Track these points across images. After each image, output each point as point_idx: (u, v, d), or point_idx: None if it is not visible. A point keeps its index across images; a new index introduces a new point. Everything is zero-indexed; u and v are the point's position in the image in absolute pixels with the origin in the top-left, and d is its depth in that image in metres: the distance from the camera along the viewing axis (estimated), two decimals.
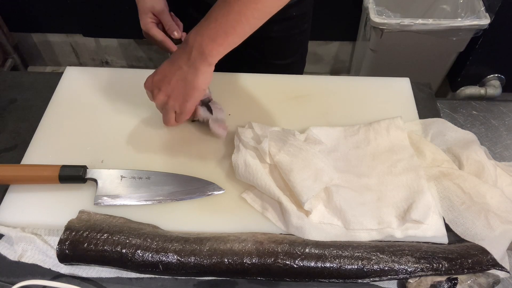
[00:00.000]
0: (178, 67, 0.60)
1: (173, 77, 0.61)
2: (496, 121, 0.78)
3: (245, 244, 0.56)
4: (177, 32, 0.76)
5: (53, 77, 0.79)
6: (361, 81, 0.81)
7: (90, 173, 0.62)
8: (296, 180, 0.59)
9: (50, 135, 0.70)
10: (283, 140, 0.64)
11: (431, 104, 0.78)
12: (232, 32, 0.57)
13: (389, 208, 0.61)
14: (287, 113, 0.74)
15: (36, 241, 0.59)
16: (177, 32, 0.76)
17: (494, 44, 1.60)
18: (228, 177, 0.65)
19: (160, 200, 0.61)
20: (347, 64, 2.05)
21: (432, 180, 0.64)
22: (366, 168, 0.66)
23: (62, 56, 2.08)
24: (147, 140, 0.70)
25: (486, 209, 0.60)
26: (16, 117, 0.75)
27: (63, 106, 0.74)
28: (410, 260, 0.55)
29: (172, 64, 0.61)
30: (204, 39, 0.58)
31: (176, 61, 0.61)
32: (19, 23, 1.92)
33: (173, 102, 0.63)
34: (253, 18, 0.58)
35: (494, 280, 0.56)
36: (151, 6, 0.75)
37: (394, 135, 0.68)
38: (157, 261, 0.54)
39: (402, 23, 1.48)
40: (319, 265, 0.54)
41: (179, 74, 0.61)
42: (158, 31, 0.75)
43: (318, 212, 0.60)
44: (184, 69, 0.60)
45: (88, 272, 0.57)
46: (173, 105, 0.63)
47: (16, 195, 0.62)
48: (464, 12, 1.54)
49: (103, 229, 0.56)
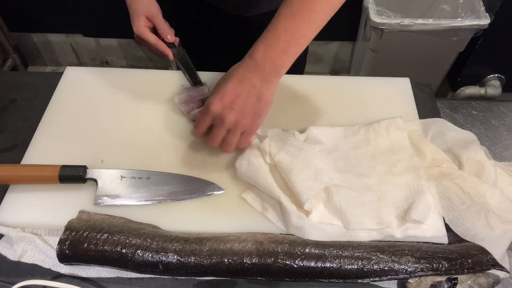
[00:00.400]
0: (251, 85, 0.58)
1: (246, 95, 0.58)
2: (496, 121, 0.78)
3: (245, 244, 0.56)
4: (170, 36, 0.76)
5: (53, 77, 0.79)
6: (361, 81, 0.81)
7: (90, 173, 0.62)
8: (296, 180, 0.59)
9: (50, 135, 0.70)
10: (283, 140, 0.64)
11: (431, 104, 0.78)
12: (304, 40, 0.58)
13: (389, 208, 0.61)
14: (287, 113, 0.74)
15: (36, 241, 0.59)
16: (171, 36, 0.76)
17: (494, 44, 1.60)
18: (228, 177, 0.65)
19: (160, 200, 0.61)
20: (347, 64, 2.05)
21: (432, 180, 0.64)
22: (366, 168, 0.66)
23: (62, 56, 2.08)
24: (147, 140, 0.70)
25: (486, 209, 0.60)
26: (16, 117, 0.75)
27: (63, 106, 0.74)
28: (410, 260, 0.55)
29: (241, 83, 0.58)
30: (276, 54, 0.57)
31: (246, 79, 0.58)
32: (19, 23, 1.92)
33: (244, 120, 0.59)
34: (322, 20, 0.58)
35: (494, 280, 0.56)
36: (145, 10, 0.75)
37: (394, 135, 0.68)
38: (157, 261, 0.54)
39: (402, 23, 1.48)
40: (319, 265, 0.54)
41: (252, 92, 0.58)
42: (152, 35, 0.75)
43: (318, 212, 0.60)
44: (257, 86, 0.58)
45: (88, 272, 0.57)
46: (244, 123, 0.59)
47: (16, 195, 0.62)
48: (464, 12, 1.54)
49: (103, 229, 0.56)
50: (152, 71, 0.80)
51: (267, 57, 0.57)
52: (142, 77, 0.79)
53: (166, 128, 0.71)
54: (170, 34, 0.76)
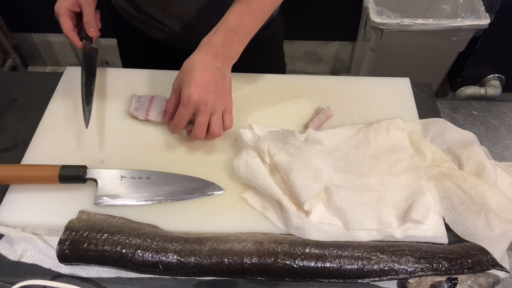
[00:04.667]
0: (216, 68, 0.63)
1: (215, 78, 0.63)
2: (496, 121, 0.78)
3: (245, 244, 0.56)
4: (94, 30, 0.73)
5: (53, 77, 0.79)
6: (361, 81, 0.81)
7: (90, 173, 0.62)
8: (296, 180, 0.59)
9: (50, 135, 0.70)
10: (283, 140, 0.64)
11: (431, 104, 0.78)
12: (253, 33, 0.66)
13: (389, 208, 0.61)
14: (287, 113, 0.74)
15: (36, 241, 0.59)
16: (94, 31, 0.74)
17: (494, 44, 1.60)
18: (228, 177, 0.65)
19: (160, 200, 0.61)
20: (347, 64, 2.05)
21: (432, 180, 0.64)
22: (366, 168, 0.66)
23: (62, 56, 2.08)
24: (147, 140, 0.70)
25: (486, 209, 0.59)
26: (16, 117, 0.75)
27: (63, 106, 0.74)
28: (410, 260, 0.55)
29: (207, 69, 0.62)
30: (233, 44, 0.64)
31: (210, 64, 0.62)
32: (19, 23, 1.92)
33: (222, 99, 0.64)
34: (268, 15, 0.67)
35: (494, 280, 0.56)
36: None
37: (394, 135, 0.68)
38: (157, 261, 0.54)
39: (402, 23, 1.48)
40: (319, 265, 0.54)
41: (218, 74, 0.63)
42: (68, 22, 0.72)
43: (318, 212, 0.60)
44: (220, 68, 0.63)
45: (88, 272, 0.57)
46: (223, 102, 0.64)
47: (16, 195, 0.62)
48: (464, 12, 1.54)
49: (103, 229, 0.56)
50: (152, 71, 0.80)
51: (225, 46, 0.63)
52: (142, 77, 0.79)
53: (165, 128, 0.71)
54: (93, 28, 0.73)
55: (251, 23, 0.65)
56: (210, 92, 0.62)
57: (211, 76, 0.62)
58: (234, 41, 0.64)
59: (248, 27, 0.65)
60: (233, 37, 0.64)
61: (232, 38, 0.63)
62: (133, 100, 0.72)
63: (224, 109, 0.64)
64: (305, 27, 1.82)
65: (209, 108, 0.62)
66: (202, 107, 0.62)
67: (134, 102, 0.72)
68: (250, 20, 0.65)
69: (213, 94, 0.62)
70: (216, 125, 0.64)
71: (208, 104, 0.62)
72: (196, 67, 0.62)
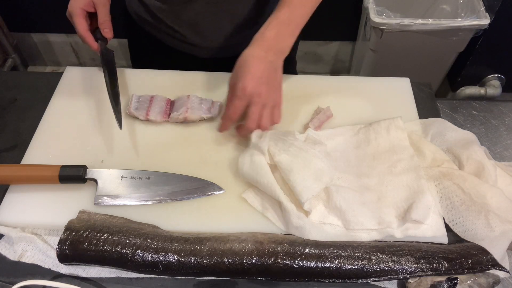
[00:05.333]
0: (269, 62, 0.63)
1: (269, 71, 0.63)
2: (496, 121, 0.78)
3: (245, 244, 0.56)
4: (109, 31, 0.73)
5: (53, 77, 0.79)
6: (361, 81, 0.81)
7: (90, 173, 0.62)
8: (296, 180, 0.59)
9: (50, 135, 0.70)
10: (283, 140, 0.64)
11: (431, 104, 0.78)
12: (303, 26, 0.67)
13: (389, 208, 0.61)
14: (287, 113, 0.74)
15: (36, 241, 0.59)
16: (109, 32, 0.73)
17: (494, 44, 1.60)
18: (228, 177, 0.65)
19: (160, 200, 0.61)
20: (347, 64, 2.05)
21: (432, 180, 0.64)
22: (366, 168, 0.66)
23: (62, 56, 2.08)
24: (147, 140, 0.70)
25: (486, 209, 0.59)
26: (16, 117, 0.75)
27: (63, 106, 0.74)
28: (410, 260, 0.55)
29: (261, 61, 0.63)
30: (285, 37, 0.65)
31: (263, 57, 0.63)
32: (19, 23, 1.92)
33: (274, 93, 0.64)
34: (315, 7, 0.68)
35: (494, 280, 0.56)
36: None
37: (394, 135, 0.68)
38: (157, 261, 0.54)
39: (402, 23, 1.48)
40: (319, 265, 0.54)
41: (271, 67, 0.64)
42: (83, 22, 0.71)
43: (318, 212, 0.60)
44: (273, 62, 0.64)
45: (88, 272, 0.57)
46: (274, 96, 0.65)
47: (16, 195, 0.62)
48: (464, 12, 1.54)
49: (103, 229, 0.56)
50: (151, 71, 0.80)
51: (278, 40, 0.64)
52: (142, 77, 0.79)
53: (166, 128, 0.71)
54: (108, 28, 0.73)
55: (301, 16, 0.66)
56: (264, 84, 0.62)
57: (264, 69, 0.62)
58: (285, 34, 0.65)
59: (298, 20, 0.66)
60: (284, 30, 0.65)
61: (283, 32, 0.65)
62: (133, 100, 0.72)
63: (274, 104, 0.65)
64: (305, 27, 1.82)
65: (262, 100, 0.63)
66: (256, 98, 0.62)
67: (134, 102, 0.72)
68: (301, 13, 0.66)
69: (266, 86, 0.62)
70: (267, 118, 0.64)
71: (261, 95, 0.62)
72: (250, 61, 0.62)
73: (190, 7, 0.78)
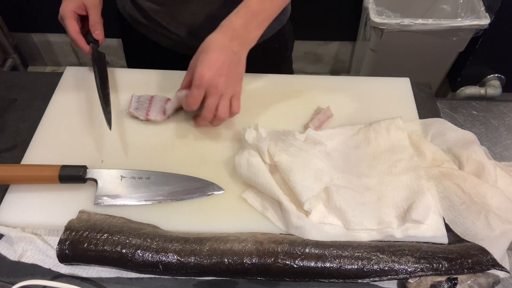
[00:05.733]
0: (232, 52, 0.63)
1: (230, 61, 0.63)
2: (496, 121, 0.78)
3: (245, 244, 0.56)
4: (100, 33, 0.73)
5: (53, 77, 0.79)
6: (361, 81, 0.81)
7: (90, 173, 0.62)
8: (296, 180, 0.59)
9: (50, 135, 0.70)
10: (283, 140, 0.64)
11: (431, 104, 0.78)
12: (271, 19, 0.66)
13: (389, 208, 0.61)
14: (287, 113, 0.74)
15: (36, 241, 0.59)
16: (100, 34, 0.73)
17: (494, 44, 1.60)
18: (228, 177, 0.65)
19: (160, 200, 0.61)
20: (347, 64, 2.05)
21: (432, 180, 0.64)
22: (366, 168, 0.66)
23: (62, 56, 2.08)
24: (147, 140, 0.70)
25: (486, 209, 0.59)
26: (16, 117, 0.75)
27: (63, 106, 0.74)
28: (410, 260, 0.55)
29: (223, 50, 0.62)
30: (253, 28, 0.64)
31: (227, 47, 0.62)
32: (19, 23, 1.92)
33: (233, 84, 0.64)
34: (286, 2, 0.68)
35: (494, 280, 0.56)
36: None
37: (394, 135, 0.68)
38: (157, 261, 0.54)
39: (402, 23, 1.48)
40: (319, 265, 0.54)
41: (234, 58, 0.63)
42: (74, 24, 0.71)
43: (318, 212, 0.60)
44: (236, 52, 0.63)
45: (88, 272, 0.57)
46: (233, 87, 0.64)
47: (16, 195, 0.62)
48: (464, 12, 1.54)
49: (103, 229, 0.56)
50: (151, 71, 0.80)
51: (245, 29, 0.64)
52: (142, 77, 0.79)
53: (166, 127, 0.71)
54: (99, 30, 0.73)
55: (271, 8, 0.65)
56: (223, 75, 0.62)
57: (225, 59, 0.62)
58: (253, 25, 0.64)
59: (268, 12, 0.65)
60: (253, 21, 0.64)
61: (252, 22, 0.64)
62: (133, 100, 0.72)
63: (233, 94, 0.64)
64: (305, 27, 1.82)
65: (219, 91, 0.62)
66: (213, 89, 0.62)
67: (134, 102, 0.72)
68: (271, 5, 0.65)
69: (225, 77, 0.62)
70: (224, 108, 0.64)
71: (218, 87, 0.62)
72: (212, 48, 0.62)
73: (186, 8, 0.78)
